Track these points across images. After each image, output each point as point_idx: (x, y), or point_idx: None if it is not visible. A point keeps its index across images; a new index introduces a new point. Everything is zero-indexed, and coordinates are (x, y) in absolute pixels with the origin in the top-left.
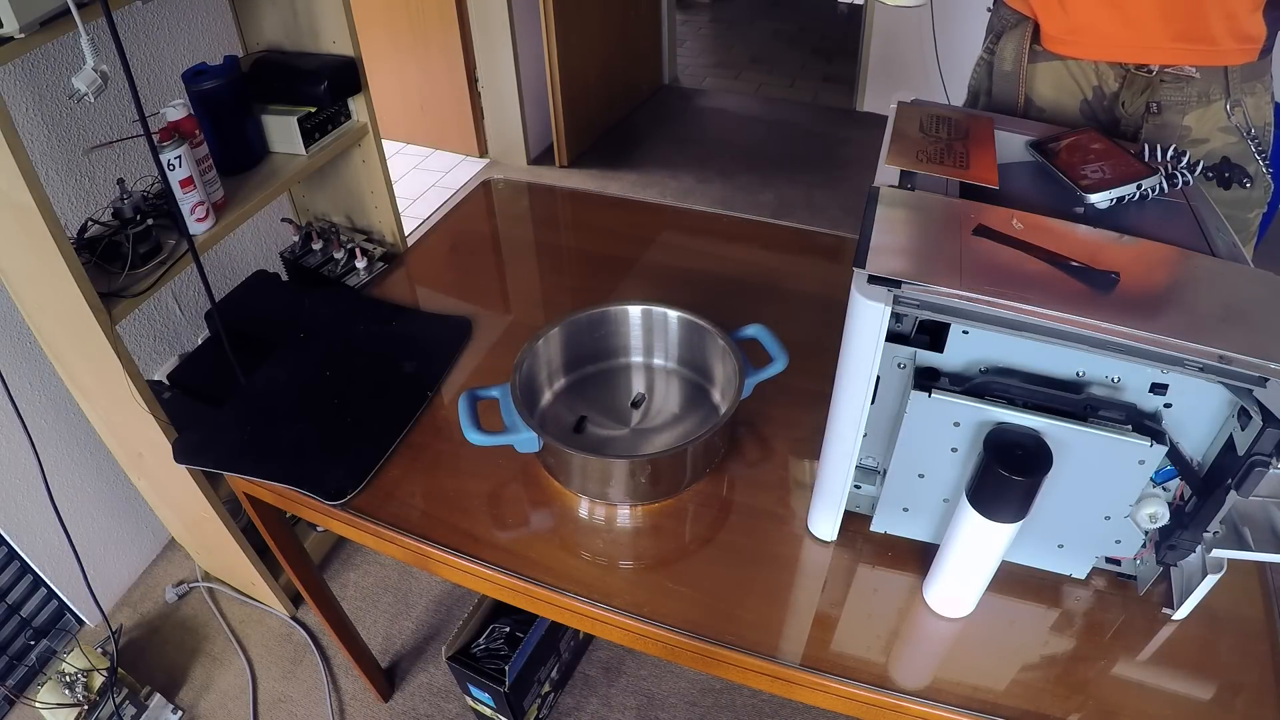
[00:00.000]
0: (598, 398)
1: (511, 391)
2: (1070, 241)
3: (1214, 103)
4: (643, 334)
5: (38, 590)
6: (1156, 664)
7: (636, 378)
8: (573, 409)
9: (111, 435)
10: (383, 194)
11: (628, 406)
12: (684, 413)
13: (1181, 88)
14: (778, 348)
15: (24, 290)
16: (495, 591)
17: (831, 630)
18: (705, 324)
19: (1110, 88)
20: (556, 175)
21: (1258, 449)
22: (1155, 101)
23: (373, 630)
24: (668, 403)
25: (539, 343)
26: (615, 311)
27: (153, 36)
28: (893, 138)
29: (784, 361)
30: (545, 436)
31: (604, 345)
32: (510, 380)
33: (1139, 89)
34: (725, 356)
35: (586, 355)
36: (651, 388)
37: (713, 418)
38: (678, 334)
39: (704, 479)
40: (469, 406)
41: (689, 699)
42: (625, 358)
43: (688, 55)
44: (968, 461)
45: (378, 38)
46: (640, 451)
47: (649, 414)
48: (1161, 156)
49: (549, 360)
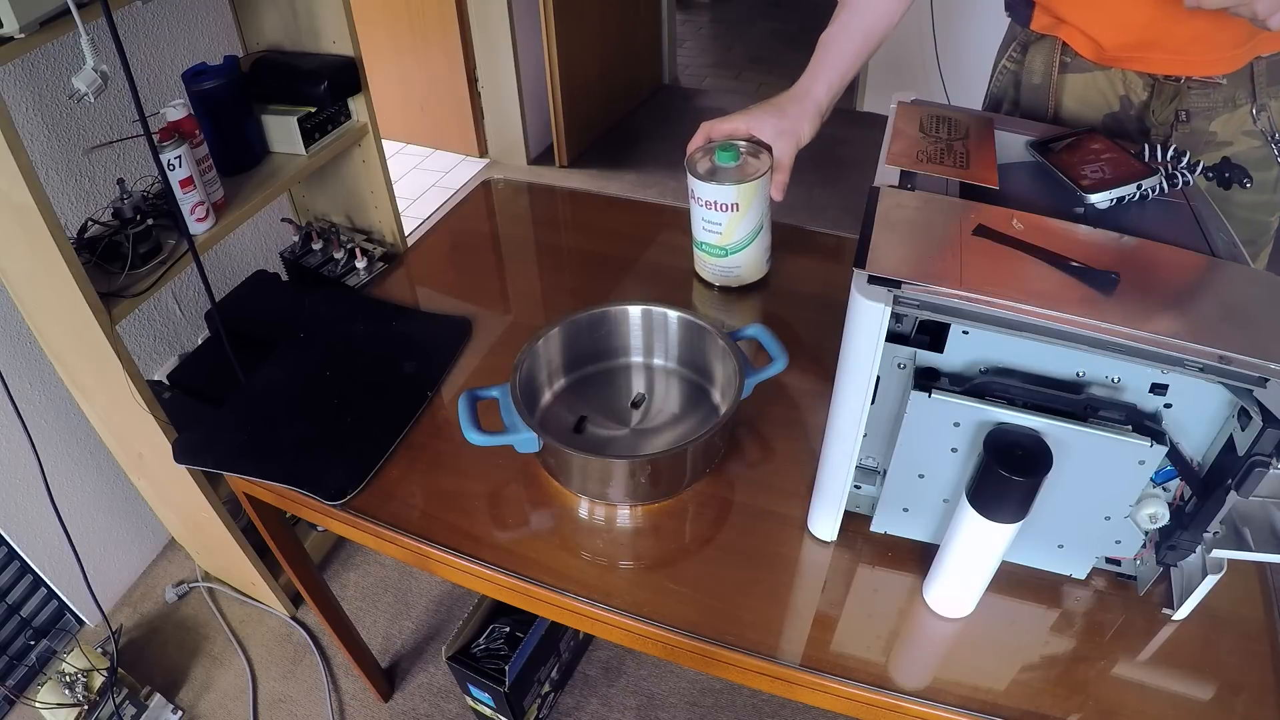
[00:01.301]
0: (598, 398)
1: (511, 392)
2: (1070, 241)
3: (1240, 107)
4: (643, 334)
5: (38, 590)
6: (1156, 664)
7: (636, 378)
8: (573, 409)
9: (111, 435)
10: (383, 194)
11: (628, 407)
12: (684, 413)
13: (1208, 94)
14: (778, 348)
15: (24, 290)
16: (495, 591)
17: (831, 630)
18: (705, 324)
19: (1139, 97)
20: (556, 175)
21: (1258, 449)
22: (1184, 109)
23: (373, 630)
24: (668, 403)
25: (539, 343)
26: (615, 311)
27: (153, 36)
28: (893, 137)
29: (784, 361)
30: (545, 437)
31: (604, 345)
32: (510, 380)
33: (1168, 98)
34: (725, 357)
35: (586, 355)
36: (651, 388)
37: (712, 418)
38: (678, 334)
39: (704, 479)
40: (469, 407)
41: (689, 699)
42: (625, 358)
43: (688, 55)
44: (968, 462)
45: (378, 38)
46: (640, 452)
47: (649, 414)
48: (1161, 156)
49: (549, 360)
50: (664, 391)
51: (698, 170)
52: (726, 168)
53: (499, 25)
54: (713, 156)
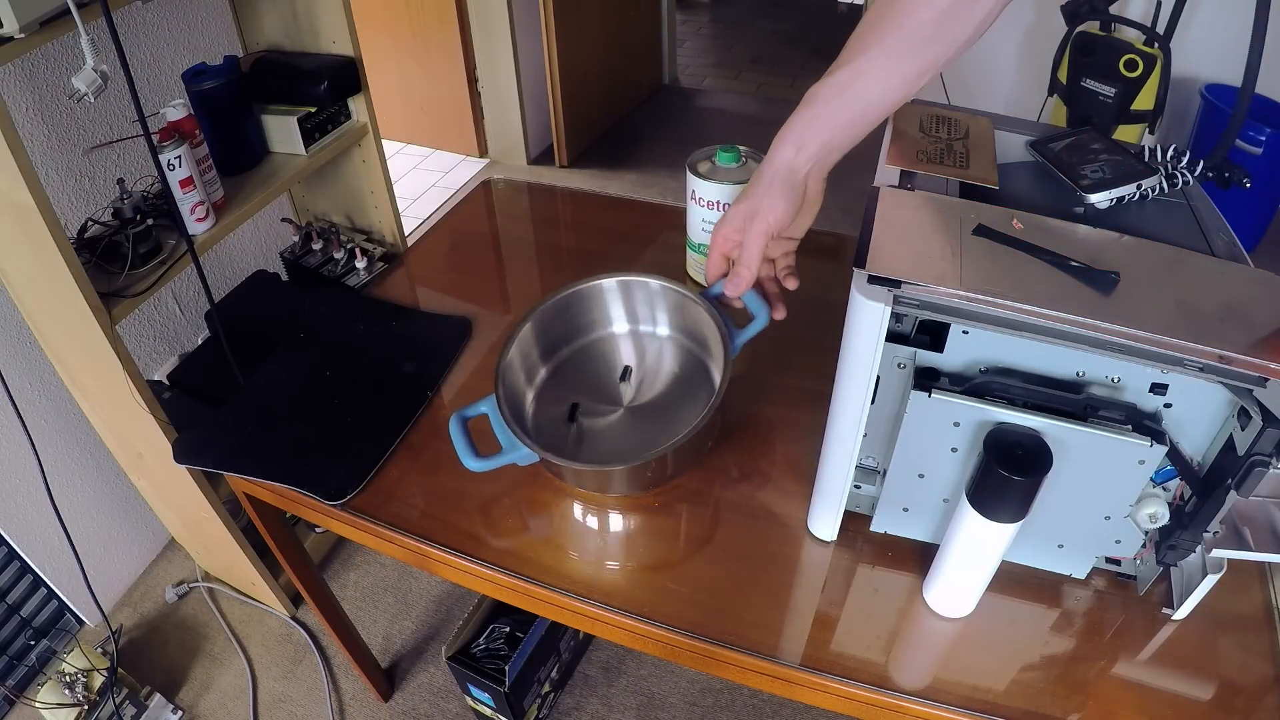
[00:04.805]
0: (584, 379)
1: (500, 408)
2: (1070, 241)
3: None
4: (621, 304)
5: (38, 590)
6: (1156, 664)
7: (617, 349)
8: (562, 397)
9: (111, 435)
10: (383, 194)
11: (616, 382)
12: (675, 376)
13: None
14: (758, 303)
15: (24, 290)
16: (495, 591)
17: (831, 630)
18: (676, 287)
19: None
20: (556, 175)
21: (1258, 449)
22: None
23: (373, 630)
24: (658, 368)
25: (513, 345)
26: (585, 290)
27: (153, 36)
28: (892, 137)
29: (765, 316)
30: (542, 452)
31: (577, 324)
32: (495, 394)
33: None
34: (702, 316)
35: (562, 338)
36: (638, 356)
37: (701, 375)
38: (652, 299)
39: (703, 472)
40: (462, 431)
41: (689, 699)
42: (603, 329)
43: (688, 55)
44: (968, 461)
45: (378, 38)
46: (639, 430)
47: (640, 386)
48: (1161, 156)
49: (526, 356)
50: (650, 357)
51: (698, 170)
52: (727, 168)
53: (499, 25)
54: (713, 157)
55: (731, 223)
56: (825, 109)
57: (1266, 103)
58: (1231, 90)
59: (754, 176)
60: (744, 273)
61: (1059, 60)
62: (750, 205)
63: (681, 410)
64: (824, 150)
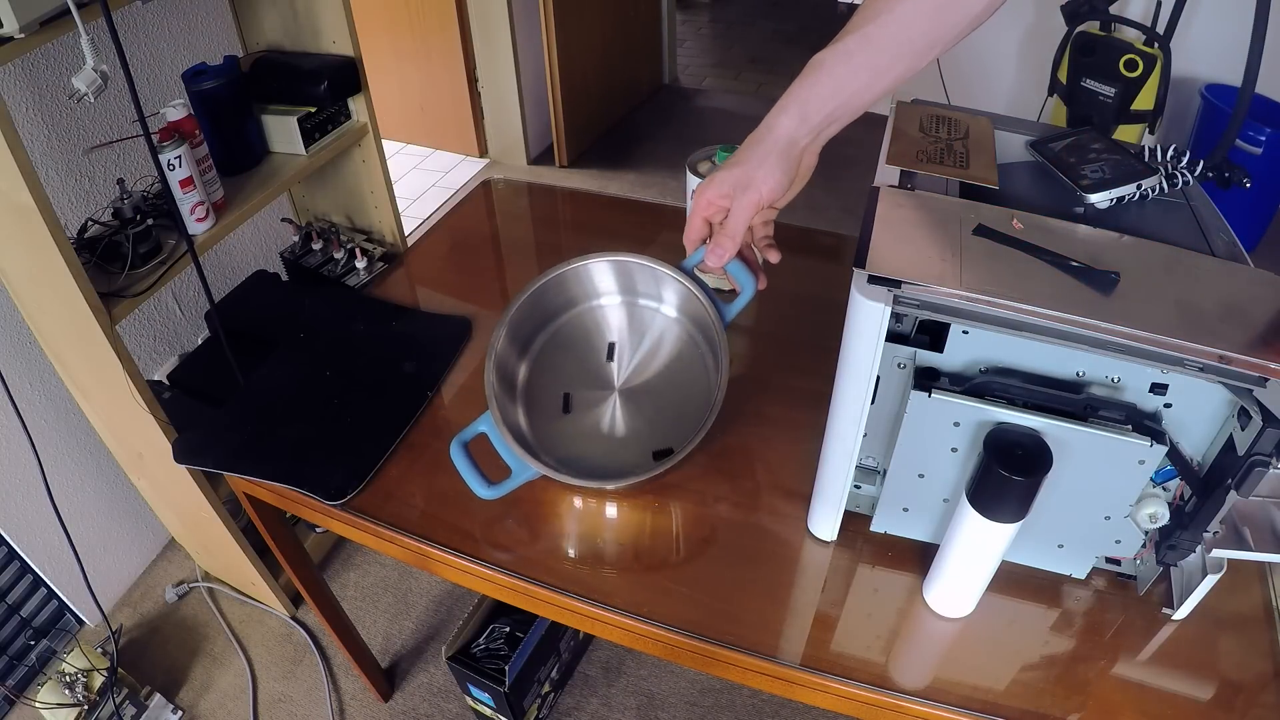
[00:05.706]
0: (571, 366)
1: (496, 424)
2: (1070, 241)
3: None
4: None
5: (38, 590)
6: (1156, 664)
7: (598, 326)
8: (553, 388)
9: (111, 435)
10: (383, 194)
11: (604, 363)
12: (664, 348)
13: None
14: (744, 273)
15: (24, 290)
16: (495, 591)
17: (831, 630)
18: (649, 262)
19: None
20: (556, 175)
21: (1258, 449)
22: None
23: (373, 630)
24: (643, 341)
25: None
26: (555, 277)
27: (153, 36)
28: (892, 137)
29: (752, 286)
30: (554, 473)
31: (551, 309)
32: (490, 413)
33: None
34: (682, 289)
35: (538, 327)
36: (619, 331)
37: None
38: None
39: (704, 469)
40: (465, 458)
41: (689, 699)
42: (580, 305)
43: (688, 55)
44: (968, 461)
45: (378, 38)
46: (638, 414)
47: (628, 363)
48: (1161, 156)
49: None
50: (635, 330)
51: (698, 170)
52: None
53: (499, 25)
54: (713, 157)
55: (719, 187)
56: (830, 77)
57: (1266, 103)
58: (1231, 90)
59: (748, 141)
60: (727, 243)
61: (1059, 60)
62: (744, 174)
63: (676, 385)
64: (827, 121)
